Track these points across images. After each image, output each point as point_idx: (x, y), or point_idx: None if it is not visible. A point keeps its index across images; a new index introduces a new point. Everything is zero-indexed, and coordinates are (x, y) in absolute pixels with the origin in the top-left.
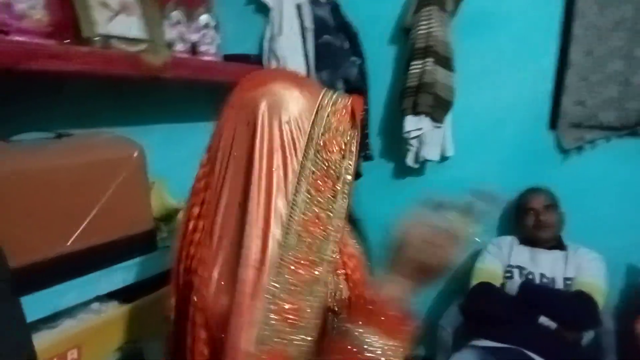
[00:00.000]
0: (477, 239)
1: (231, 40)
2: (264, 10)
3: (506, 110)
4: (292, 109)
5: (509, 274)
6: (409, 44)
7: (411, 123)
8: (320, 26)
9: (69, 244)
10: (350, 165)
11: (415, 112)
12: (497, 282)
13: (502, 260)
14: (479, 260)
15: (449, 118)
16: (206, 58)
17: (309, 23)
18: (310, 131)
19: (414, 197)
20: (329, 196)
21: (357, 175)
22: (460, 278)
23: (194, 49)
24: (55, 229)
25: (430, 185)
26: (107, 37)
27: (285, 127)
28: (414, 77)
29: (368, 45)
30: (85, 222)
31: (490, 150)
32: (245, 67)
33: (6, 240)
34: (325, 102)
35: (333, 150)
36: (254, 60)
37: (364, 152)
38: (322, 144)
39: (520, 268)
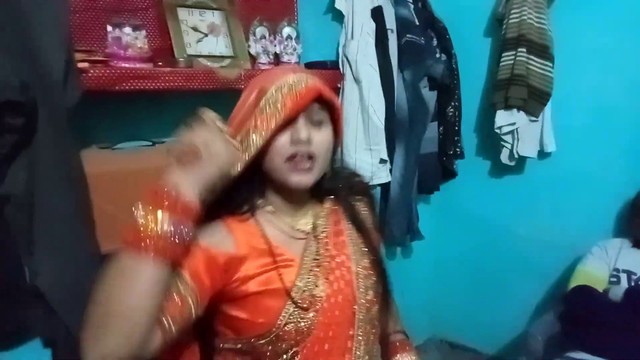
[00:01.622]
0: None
1: (312, 48)
2: (341, 17)
3: (617, 96)
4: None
5: (614, 279)
6: (500, 35)
7: (502, 118)
8: (403, 26)
9: None
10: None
11: (507, 106)
12: (600, 287)
13: (607, 264)
14: (580, 263)
15: (547, 110)
16: (287, 66)
17: (391, 24)
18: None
19: (513, 197)
20: None
21: (452, 174)
22: (559, 282)
23: (277, 59)
24: None
25: (530, 184)
26: (194, 57)
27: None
28: (506, 69)
29: (458, 40)
30: None
31: (600, 143)
32: (323, 73)
33: (107, 229)
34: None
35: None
36: (331, 67)
37: (452, 150)
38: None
39: (630, 272)
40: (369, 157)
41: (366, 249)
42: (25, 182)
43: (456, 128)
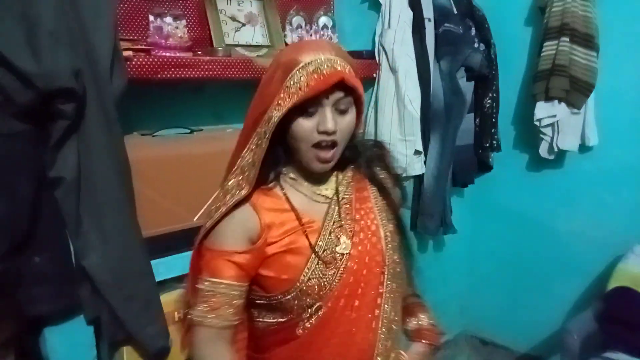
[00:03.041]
0: None
1: (349, 37)
2: (378, 6)
3: None
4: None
5: None
6: (542, 24)
7: (542, 110)
8: (440, 14)
9: (195, 219)
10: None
11: (548, 98)
12: None
13: None
14: (622, 261)
15: (590, 102)
16: None
17: (429, 13)
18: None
19: (551, 192)
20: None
21: (488, 167)
22: (599, 281)
23: None
24: (185, 207)
25: (570, 178)
26: (232, 46)
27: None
28: (547, 59)
29: (498, 29)
30: (210, 202)
31: None
32: (358, 62)
33: (147, 214)
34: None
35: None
36: (367, 56)
37: (489, 142)
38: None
39: None
40: (403, 147)
41: (392, 215)
42: (75, 166)
43: (493, 120)
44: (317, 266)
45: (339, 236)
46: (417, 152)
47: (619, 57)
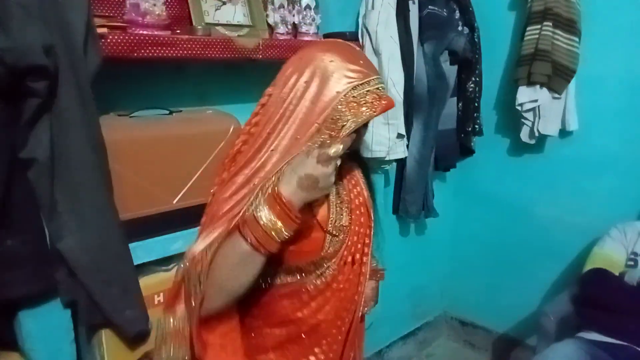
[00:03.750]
0: None
1: (332, 18)
2: None
3: None
4: (339, 83)
5: (632, 262)
6: (526, 9)
7: (524, 94)
8: None
9: (175, 202)
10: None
11: (530, 82)
12: (616, 270)
13: (625, 247)
14: (598, 245)
15: (572, 88)
16: (306, 38)
17: None
18: (334, 105)
19: (532, 177)
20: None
21: (470, 151)
22: (577, 264)
23: (295, 30)
24: (163, 189)
25: (550, 163)
26: (212, 25)
27: (325, 98)
28: (530, 44)
29: (482, 12)
30: (189, 185)
31: (625, 123)
32: None
33: (125, 196)
34: (363, 89)
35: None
36: (350, 38)
37: (471, 126)
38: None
39: None
40: (386, 131)
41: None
42: (49, 147)
43: (476, 104)
44: (328, 243)
45: (342, 209)
46: (399, 136)
47: (602, 44)
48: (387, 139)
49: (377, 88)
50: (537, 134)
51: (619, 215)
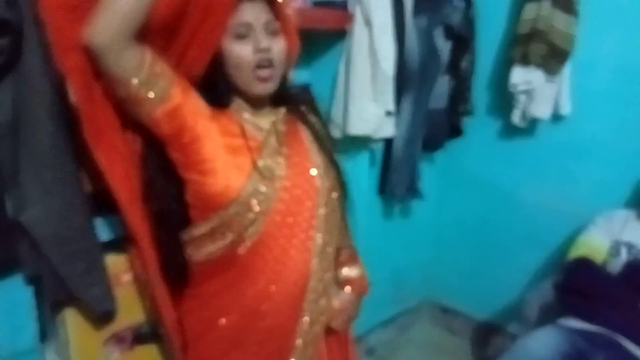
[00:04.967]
0: None
1: None
2: None
3: None
4: None
5: (615, 251)
6: None
7: (519, 75)
8: None
9: None
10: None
11: (524, 63)
12: (599, 258)
13: (610, 235)
14: (583, 233)
15: (566, 70)
16: (295, 4)
17: None
18: None
19: (521, 161)
20: None
21: (458, 131)
22: (561, 252)
23: None
24: None
25: (540, 147)
26: None
27: None
28: (527, 23)
29: None
30: None
31: (618, 109)
32: (330, 13)
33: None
34: None
35: None
36: (340, 6)
37: (462, 106)
38: None
39: (630, 245)
40: (374, 107)
41: (323, 151)
42: (11, 109)
43: (468, 83)
44: (256, 183)
45: (277, 160)
46: (388, 113)
47: (599, 27)
48: (374, 115)
49: None
50: (528, 117)
51: (605, 203)
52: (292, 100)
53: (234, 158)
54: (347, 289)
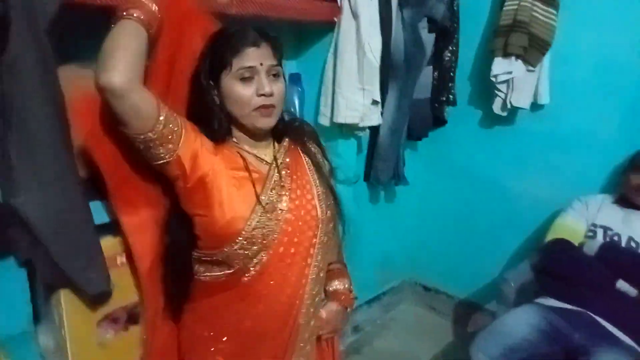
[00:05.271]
0: None
1: None
2: None
3: (621, 52)
4: None
5: (591, 234)
6: None
7: (500, 66)
8: None
9: None
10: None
11: (505, 54)
12: (577, 241)
13: (586, 219)
14: (560, 216)
15: (546, 61)
16: None
17: None
18: None
19: (502, 149)
20: None
21: (441, 121)
22: (538, 234)
23: None
24: None
25: (520, 136)
26: None
27: None
28: (509, 14)
29: None
30: None
31: (596, 99)
32: (319, 5)
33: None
34: None
35: None
36: None
37: (445, 96)
38: None
39: (606, 228)
40: (361, 97)
41: (323, 181)
42: (1, 94)
43: (451, 74)
44: (260, 216)
45: (279, 193)
46: (374, 102)
47: (578, 18)
48: (361, 104)
49: None
50: (509, 106)
51: (582, 189)
52: (293, 131)
53: (238, 190)
54: (334, 302)
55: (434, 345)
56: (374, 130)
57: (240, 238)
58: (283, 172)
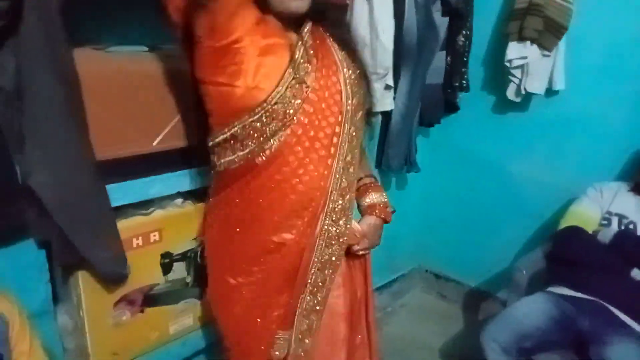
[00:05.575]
0: None
1: None
2: None
3: (637, 39)
4: None
5: (606, 221)
6: None
7: (514, 50)
8: None
9: (155, 144)
10: None
11: (520, 38)
12: (590, 228)
13: (601, 206)
14: (574, 203)
15: (562, 45)
16: None
17: None
18: None
19: (514, 135)
20: None
21: (454, 107)
22: (549, 223)
23: None
24: (142, 130)
25: (534, 122)
26: None
27: None
28: None
29: None
30: (169, 127)
31: (611, 85)
32: None
33: (102, 135)
34: None
35: None
36: None
37: (458, 82)
38: None
39: (621, 216)
40: (374, 81)
41: (352, 62)
42: (14, 74)
43: (465, 59)
44: (285, 90)
45: (306, 69)
46: (387, 87)
47: (592, 3)
48: (374, 89)
49: None
50: (523, 92)
51: (594, 176)
52: (320, 16)
53: (270, 57)
54: (371, 216)
55: (444, 332)
56: (386, 116)
57: (261, 110)
58: (310, 50)
